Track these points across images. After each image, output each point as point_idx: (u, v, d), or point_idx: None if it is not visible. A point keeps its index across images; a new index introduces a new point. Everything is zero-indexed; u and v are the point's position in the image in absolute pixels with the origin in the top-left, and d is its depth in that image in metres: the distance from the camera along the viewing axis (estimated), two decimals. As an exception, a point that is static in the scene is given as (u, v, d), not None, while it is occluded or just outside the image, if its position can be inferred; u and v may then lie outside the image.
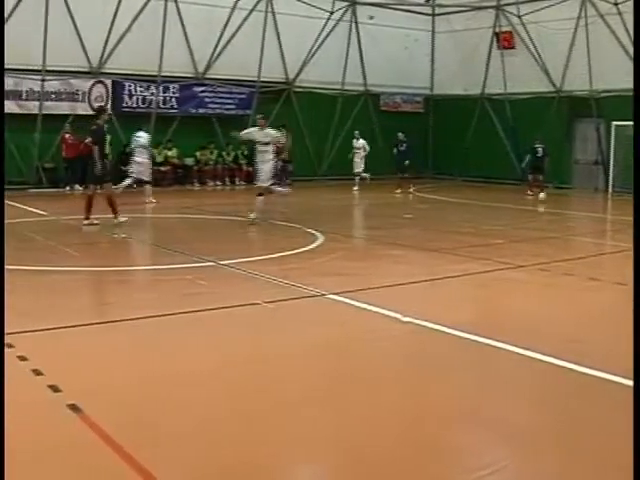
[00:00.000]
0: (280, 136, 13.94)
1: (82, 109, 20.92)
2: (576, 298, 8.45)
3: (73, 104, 20.92)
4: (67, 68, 20.70)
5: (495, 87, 25.67)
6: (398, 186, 21.25)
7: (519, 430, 4.50)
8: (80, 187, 20.36)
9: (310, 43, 24.60)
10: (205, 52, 22.70)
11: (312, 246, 11.31)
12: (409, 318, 6.84)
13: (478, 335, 6.30)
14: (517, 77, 24.82)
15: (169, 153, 22.68)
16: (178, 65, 22.30)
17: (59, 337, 6.29)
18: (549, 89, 24.27)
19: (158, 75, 22.05)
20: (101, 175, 13.16)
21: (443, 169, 26.99)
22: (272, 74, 24.06)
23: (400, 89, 27.28)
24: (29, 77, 20.10)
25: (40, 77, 20.25)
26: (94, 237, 12.47)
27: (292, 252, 10.70)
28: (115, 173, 17.95)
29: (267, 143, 13.83)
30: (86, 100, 21.06)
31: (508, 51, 25.28)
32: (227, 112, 23.31)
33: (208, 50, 22.69)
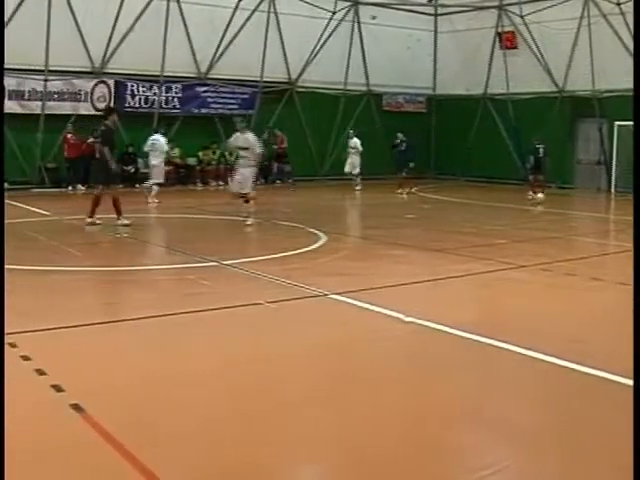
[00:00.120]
0: (257, 144, 13.73)
1: (84, 109, 20.98)
2: (578, 298, 8.45)
3: (75, 104, 20.95)
4: (70, 68, 20.72)
5: (497, 87, 25.65)
6: (399, 186, 21.26)
7: (521, 430, 4.50)
8: (82, 187, 20.43)
9: (312, 43, 24.59)
10: (207, 52, 22.69)
11: (315, 246, 11.31)
12: (411, 318, 6.84)
13: (480, 335, 6.30)
14: (519, 77, 24.79)
15: (171, 153, 22.69)
16: (180, 65, 22.31)
17: (62, 337, 6.30)
18: (552, 89, 24.24)
19: (160, 75, 22.06)
20: (114, 176, 13.19)
21: (445, 169, 26.96)
22: (274, 74, 24.05)
23: (402, 89, 27.26)
24: (32, 77, 20.11)
25: (43, 77, 20.26)
26: (97, 237, 12.49)
27: (295, 252, 10.70)
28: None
29: (247, 148, 13.66)
30: (89, 100, 21.09)
31: (510, 51, 25.25)
32: (229, 112, 23.26)
33: (210, 50, 22.69)
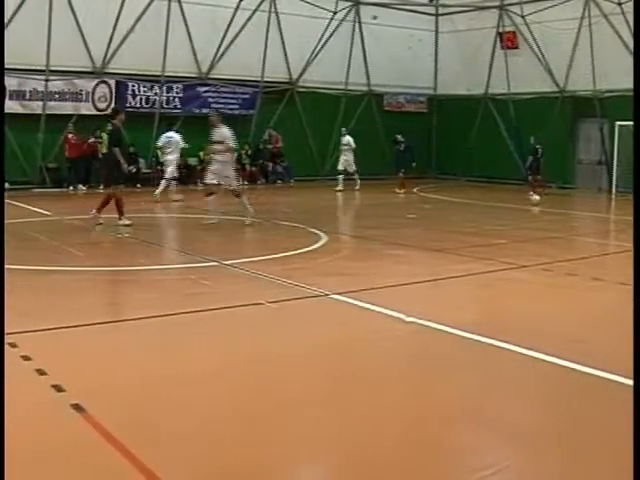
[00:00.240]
0: (231, 138, 13.50)
1: (86, 109, 21.02)
2: (579, 298, 8.45)
3: (76, 104, 20.97)
4: (71, 68, 20.75)
5: (498, 87, 25.65)
6: (400, 186, 21.26)
7: (522, 430, 4.50)
8: (83, 187, 20.45)
9: (313, 43, 24.60)
10: (208, 52, 22.71)
11: (315, 246, 11.30)
12: (412, 318, 6.84)
13: (481, 335, 6.30)
14: (520, 77, 24.79)
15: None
16: (181, 65, 22.33)
17: (62, 337, 6.30)
18: (552, 89, 24.24)
19: (161, 75, 22.09)
20: (126, 175, 13.23)
21: (446, 169, 26.97)
22: (275, 74, 24.06)
23: (403, 89, 27.27)
24: (33, 77, 20.13)
25: (44, 77, 20.27)
26: (98, 237, 12.48)
27: (295, 252, 10.69)
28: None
29: (220, 142, 13.44)
30: (90, 100, 21.12)
31: (511, 51, 25.26)
32: (230, 112, 23.26)
33: (211, 50, 22.70)
